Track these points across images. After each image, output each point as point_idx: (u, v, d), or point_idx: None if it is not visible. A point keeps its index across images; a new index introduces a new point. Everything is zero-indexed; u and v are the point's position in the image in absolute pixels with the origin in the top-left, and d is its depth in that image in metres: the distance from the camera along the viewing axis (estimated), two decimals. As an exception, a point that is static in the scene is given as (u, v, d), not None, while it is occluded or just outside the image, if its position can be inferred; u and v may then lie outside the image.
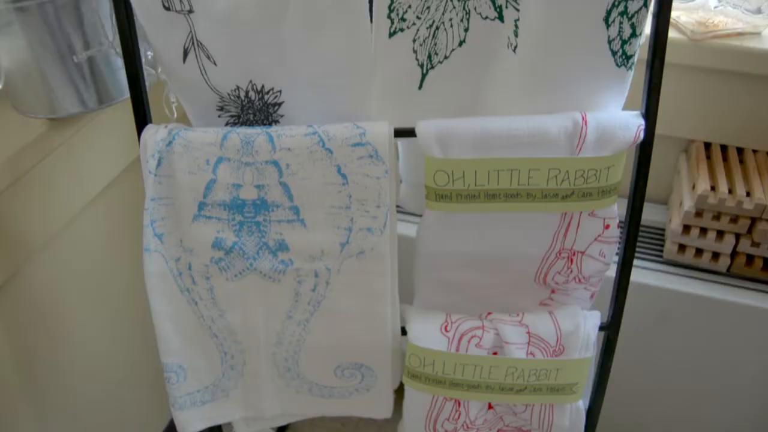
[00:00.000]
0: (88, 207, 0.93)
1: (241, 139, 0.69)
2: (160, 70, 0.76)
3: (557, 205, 0.72)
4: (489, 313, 0.81)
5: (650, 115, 0.70)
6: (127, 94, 0.76)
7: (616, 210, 0.74)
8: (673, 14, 0.66)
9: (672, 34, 0.69)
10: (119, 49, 0.70)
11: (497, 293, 0.81)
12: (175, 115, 0.80)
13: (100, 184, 0.94)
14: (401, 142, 0.80)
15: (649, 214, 1.06)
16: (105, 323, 1.03)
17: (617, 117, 0.70)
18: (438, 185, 0.71)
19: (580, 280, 0.79)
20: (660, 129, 0.71)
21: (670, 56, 0.69)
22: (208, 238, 0.73)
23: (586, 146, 0.69)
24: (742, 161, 1.00)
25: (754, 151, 1.00)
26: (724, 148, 1.01)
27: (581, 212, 0.74)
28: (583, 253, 0.77)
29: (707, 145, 1.02)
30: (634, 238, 0.75)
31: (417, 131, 0.69)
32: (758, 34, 0.91)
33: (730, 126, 0.97)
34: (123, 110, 0.80)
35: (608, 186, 0.72)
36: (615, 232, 0.75)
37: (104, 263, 1.00)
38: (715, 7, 0.91)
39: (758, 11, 0.91)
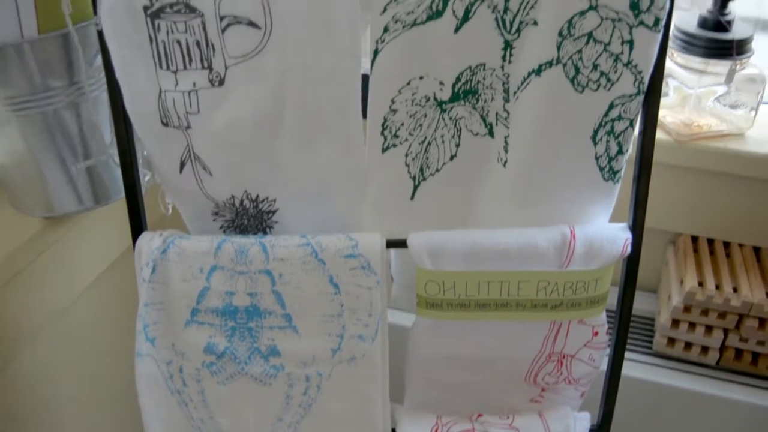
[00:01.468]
0: (81, 296, 0.94)
1: (235, 249, 0.70)
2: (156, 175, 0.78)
3: (546, 315, 0.73)
4: (479, 415, 0.81)
5: (637, 228, 0.72)
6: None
7: (605, 317, 0.75)
8: (659, 113, 0.68)
9: (658, 134, 0.72)
10: (117, 159, 0.71)
11: (488, 391, 0.82)
12: (170, 212, 0.81)
13: (93, 273, 0.95)
14: (393, 245, 0.81)
15: (639, 303, 1.07)
16: (97, 413, 1.02)
17: (605, 230, 0.71)
18: (429, 294, 0.72)
19: (570, 381, 0.80)
20: (647, 222, 0.72)
21: (656, 156, 0.71)
22: (200, 342, 0.74)
23: (574, 260, 0.70)
24: (728, 255, 1.01)
25: (740, 245, 1.01)
26: (711, 242, 1.03)
27: (570, 320, 0.75)
28: (572, 356, 0.78)
29: (694, 238, 1.03)
30: (622, 347, 0.76)
31: (409, 243, 0.70)
32: (741, 135, 0.93)
33: (717, 221, 0.99)
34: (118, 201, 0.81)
35: (597, 296, 0.73)
36: (604, 338, 0.76)
37: (97, 352, 1.00)
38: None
39: (734, 106, 0.93)
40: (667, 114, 0.94)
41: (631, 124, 0.68)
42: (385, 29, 0.62)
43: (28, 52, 0.69)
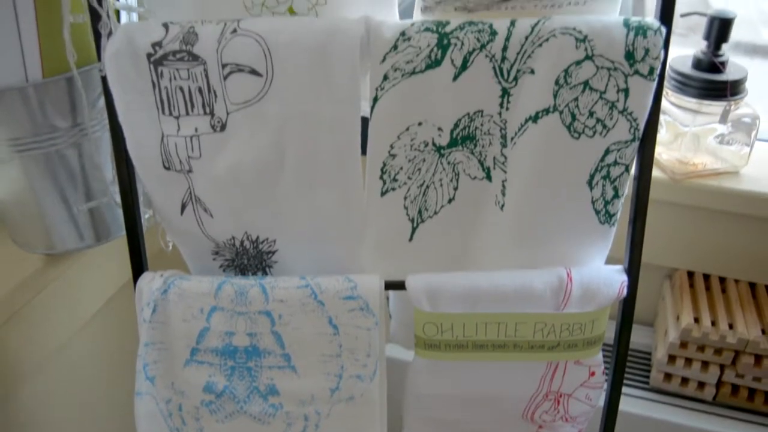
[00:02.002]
0: (81, 330, 0.94)
1: (235, 290, 0.71)
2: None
3: (543, 355, 0.74)
4: (477, 453, 0.82)
5: (633, 270, 0.73)
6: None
7: (601, 358, 0.76)
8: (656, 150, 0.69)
9: (654, 172, 0.73)
10: (119, 200, 0.72)
11: (485, 429, 0.82)
12: (170, 249, 0.82)
13: (93, 308, 0.95)
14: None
15: (636, 337, 1.07)
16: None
17: (601, 273, 0.72)
18: (427, 336, 0.73)
19: (567, 419, 0.81)
20: (644, 257, 0.73)
21: (652, 193, 0.71)
22: (199, 381, 0.74)
23: (571, 302, 0.71)
24: (724, 290, 1.02)
25: (736, 281, 1.02)
26: (707, 277, 1.03)
27: (567, 360, 0.75)
28: (569, 395, 0.78)
29: (690, 274, 1.04)
30: (619, 386, 0.77)
31: (407, 285, 0.71)
32: (736, 173, 0.94)
33: (713, 257, 1.00)
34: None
35: (593, 337, 0.73)
36: (600, 378, 0.77)
37: (96, 386, 1.00)
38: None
39: (729, 143, 0.94)
40: (662, 151, 0.95)
41: (627, 169, 0.69)
42: (385, 77, 0.63)
43: (33, 96, 0.70)
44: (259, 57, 0.63)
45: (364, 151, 0.68)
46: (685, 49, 0.94)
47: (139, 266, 0.74)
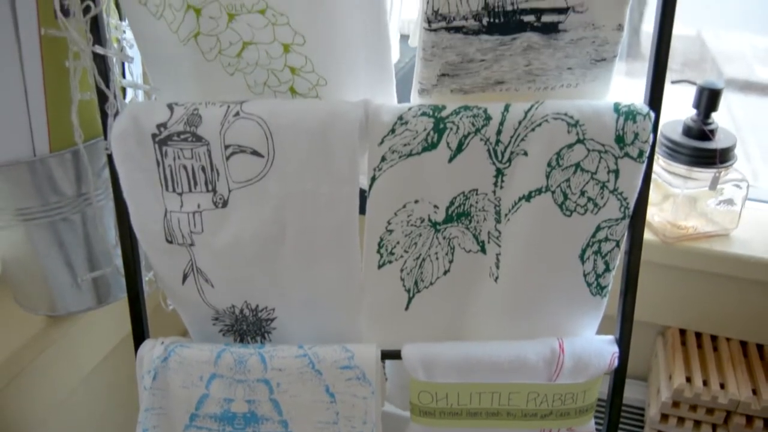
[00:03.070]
0: (80, 385, 0.95)
1: (234, 359, 0.73)
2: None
3: (536, 423, 0.75)
4: None
5: (624, 342, 0.74)
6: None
7: (593, 425, 0.77)
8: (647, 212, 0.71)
9: (646, 234, 0.75)
10: (122, 270, 0.74)
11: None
12: (171, 307, 0.84)
13: (92, 363, 0.96)
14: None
15: (629, 392, 1.09)
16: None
17: (593, 344, 0.74)
18: (422, 403, 0.74)
19: (560, 483, 0.81)
20: (636, 315, 0.75)
21: (644, 255, 0.73)
22: (198, 447, 0.75)
23: (563, 373, 0.72)
24: (716, 348, 1.03)
25: (728, 339, 1.04)
26: (698, 335, 1.05)
27: (560, 428, 0.77)
28: (562, 459, 0.79)
29: (682, 331, 1.05)
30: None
31: (403, 355, 0.73)
32: (727, 235, 0.96)
33: (704, 316, 1.01)
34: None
35: (585, 406, 0.75)
36: (593, 445, 0.78)
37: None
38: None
39: (730, 203, 0.96)
40: (654, 213, 0.97)
41: (618, 245, 0.71)
42: (383, 158, 0.65)
43: (40, 168, 0.72)
44: (261, 139, 0.65)
45: (363, 212, 0.70)
46: (678, 87, 0.94)
47: (140, 333, 0.75)
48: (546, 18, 0.63)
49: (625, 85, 0.68)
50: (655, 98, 0.67)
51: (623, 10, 0.64)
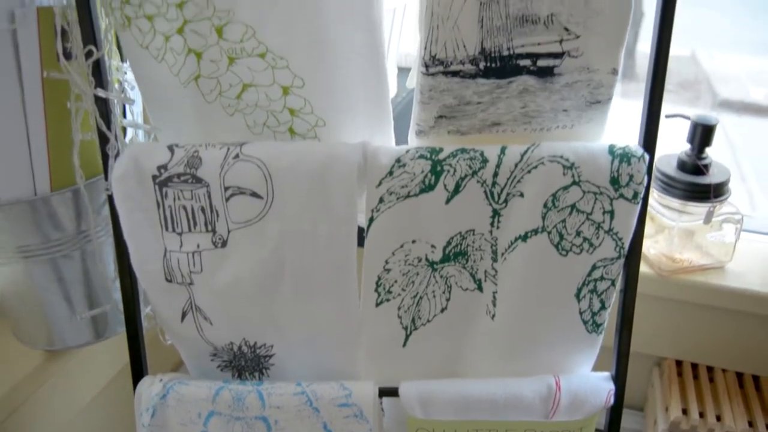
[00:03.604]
0: (77, 417, 0.95)
1: (232, 396, 0.73)
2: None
3: (534, 460, 0.75)
4: None
5: (620, 379, 0.75)
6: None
7: (590, 461, 0.78)
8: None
9: (642, 267, 0.75)
10: (121, 306, 0.74)
11: None
12: (169, 342, 0.84)
13: (90, 396, 0.96)
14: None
15: (626, 422, 1.09)
16: None
17: (589, 381, 0.74)
18: (420, 441, 0.74)
19: None
20: (633, 346, 0.75)
21: (639, 288, 0.73)
22: (196, 483, 0.75)
23: (559, 410, 0.73)
24: (712, 379, 1.04)
25: (724, 371, 1.04)
26: (695, 366, 1.05)
27: (557, 464, 0.77)
28: (559, 495, 0.79)
29: (679, 362, 1.06)
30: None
31: (400, 393, 0.73)
32: (722, 268, 0.97)
33: (700, 347, 1.02)
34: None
35: (582, 443, 0.75)
36: (589, 480, 0.78)
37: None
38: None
39: (725, 236, 0.97)
40: (650, 246, 0.98)
41: (613, 284, 0.72)
42: (381, 200, 0.66)
43: (41, 207, 0.72)
44: (260, 181, 0.65)
45: (361, 244, 0.71)
46: (674, 107, 0.95)
47: (139, 370, 0.75)
48: (542, 62, 0.64)
49: (620, 106, 0.69)
50: (649, 140, 0.68)
51: (617, 54, 0.65)
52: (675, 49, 0.66)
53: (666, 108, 0.68)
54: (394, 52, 0.93)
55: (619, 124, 0.71)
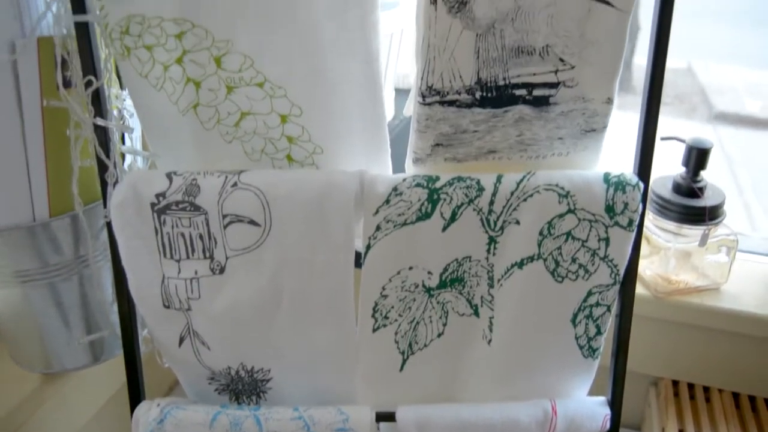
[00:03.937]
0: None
1: (230, 421, 0.73)
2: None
3: (530, 483, 0.76)
4: None
5: (616, 403, 0.75)
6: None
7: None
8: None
9: (638, 288, 0.76)
10: (118, 330, 0.75)
11: None
12: (167, 365, 0.84)
13: (87, 417, 0.96)
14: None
15: (622, 442, 1.09)
16: None
17: (585, 406, 0.74)
18: (416, 465, 0.74)
19: None
20: (629, 365, 0.75)
21: (635, 309, 0.74)
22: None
23: (556, 435, 0.73)
24: (708, 399, 1.04)
25: (720, 391, 1.04)
26: (691, 386, 1.06)
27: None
28: None
29: (675, 382, 1.06)
30: None
31: (397, 418, 0.73)
32: (717, 289, 0.97)
33: (696, 368, 1.02)
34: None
35: (578, 466, 0.75)
36: (586, 504, 0.78)
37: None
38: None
39: (721, 258, 0.97)
40: (645, 267, 0.98)
41: (609, 309, 0.72)
42: (377, 228, 0.67)
43: (39, 233, 0.72)
44: (258, 209, 0.66)
45: (358, 265, 0.71)
46: (670, 118, 0.94)
47: (136, 395, 0.75)
48: (537, 92, 0.65)
49: (616, 118, 0.69)
50: (644, 167, 0.68)
51: (612, 84, 0.66)
52: (671, 62, 0.66)
53: (661, 120, 0.68)
54: (392, 75, 0.94)
55: (615, 136, 0.71)
